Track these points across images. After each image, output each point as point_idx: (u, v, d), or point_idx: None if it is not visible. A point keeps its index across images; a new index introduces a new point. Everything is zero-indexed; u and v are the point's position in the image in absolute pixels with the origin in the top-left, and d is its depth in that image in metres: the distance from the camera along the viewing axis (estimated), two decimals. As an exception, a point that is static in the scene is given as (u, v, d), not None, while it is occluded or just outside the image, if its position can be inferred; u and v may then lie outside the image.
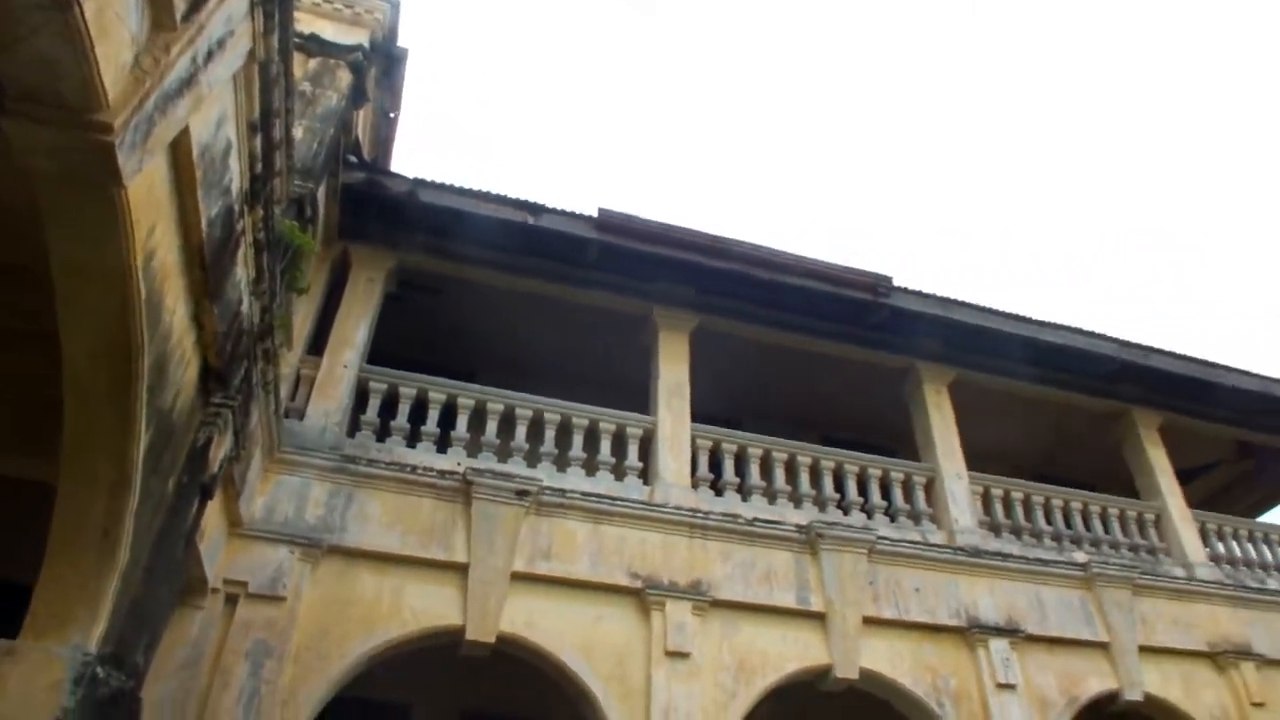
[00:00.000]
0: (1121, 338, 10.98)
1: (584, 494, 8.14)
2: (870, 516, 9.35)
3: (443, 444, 8.30)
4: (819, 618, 8.29)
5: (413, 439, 8.28)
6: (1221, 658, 9.61)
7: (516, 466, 8.22)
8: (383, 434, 8.20)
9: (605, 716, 7.22)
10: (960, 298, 10.32)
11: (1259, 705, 9.39)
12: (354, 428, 8.16)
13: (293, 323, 7.46)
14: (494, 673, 8.44)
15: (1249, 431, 12.25)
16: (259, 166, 4.66)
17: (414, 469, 7.80)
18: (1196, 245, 59.10)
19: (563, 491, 8.08)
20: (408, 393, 8.44)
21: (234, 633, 6.55)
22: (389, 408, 8.39)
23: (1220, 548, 10.96)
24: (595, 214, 9.02)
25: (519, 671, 7.98)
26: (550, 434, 8.67)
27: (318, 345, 8.40)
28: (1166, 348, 11.22)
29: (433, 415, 8.43)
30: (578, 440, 8.72)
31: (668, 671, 7.51)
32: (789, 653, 8.06)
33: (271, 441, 7.18)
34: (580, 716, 7.68)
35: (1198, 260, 59.27)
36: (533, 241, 9.08)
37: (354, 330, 8.47)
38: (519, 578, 7.53)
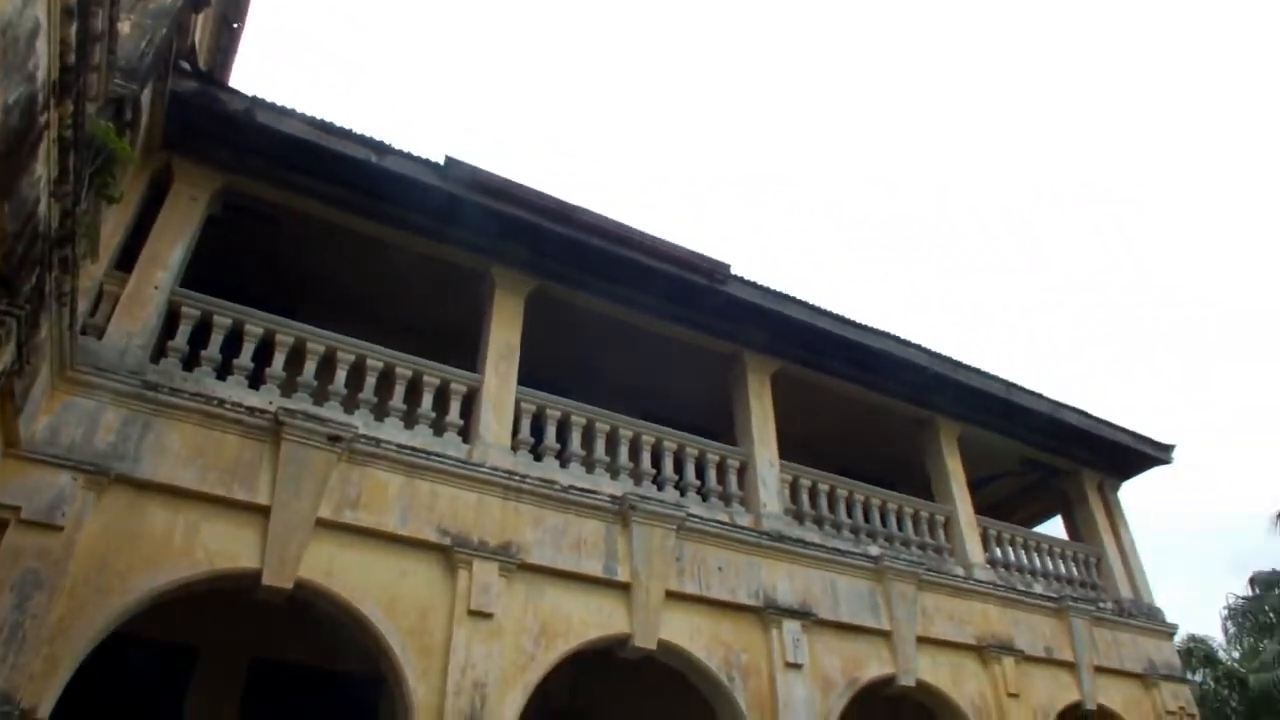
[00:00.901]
0: (935, 350, 11.65)
1: (400, 446, 7.95)
2: (683, 494, 9.59)
3: (255, 380, 7.90)
4: (624, 588, 8.43)
5: (223, 371, 7.84)
6: (986, 651, 10.43)
7: (332, 411, 7.92)
8: (191, 363, 7.72)
9: (402, 671, 7.11)
10: (793, 294, 10.67)
11: (1014, 695, 10.28)
12: (159, 353, 7.64)
13: (100, 233, 6.90)
14: (290, 622, 8.17)
15: (1034, 449, 13.27)
16: (72, 57, 4.28)
17: (221, 403, 7.39)
18: (1132, 199, 64.15)
19: (378, 441, 7.86)
20: (222, 322, 7.97)
21: (0, 561, 6.03)
22: (200, 336, 7.90)
23: (998, 552, 11.90)
24: (442, 161, 8.77)
25: (316, 622, 7.76)
26: (371, 381, 8.41)
27: (127, 262, 7.78)
28: (973, 364, 12.02)
29: (248, 348, 8.01)
30: (399, 390, 8.50)
31: (469, 630, 7.46)
32: (591, 620, 8.17)
33: (63, 358, 6.63)
34: (377, 670, 7.54)
35: (1133, 213, 64.15)
36: (374, 181, 8.71)
37: (169, 249, 7.91)
38: (324, 525, 7.28)
